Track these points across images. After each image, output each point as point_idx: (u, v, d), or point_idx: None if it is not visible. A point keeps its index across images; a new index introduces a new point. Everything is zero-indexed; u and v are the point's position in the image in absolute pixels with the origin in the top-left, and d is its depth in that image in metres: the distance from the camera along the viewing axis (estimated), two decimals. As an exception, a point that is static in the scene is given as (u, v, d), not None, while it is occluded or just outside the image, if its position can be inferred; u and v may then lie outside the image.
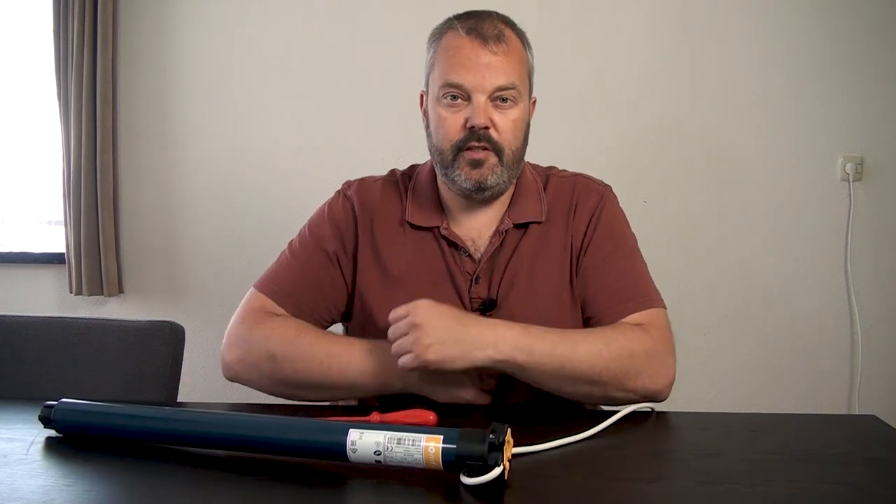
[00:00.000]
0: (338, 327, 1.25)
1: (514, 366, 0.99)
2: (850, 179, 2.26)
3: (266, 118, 2.47)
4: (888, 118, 2.26)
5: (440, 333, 0.96)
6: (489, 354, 0.97)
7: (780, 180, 2.30)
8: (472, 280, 1.14)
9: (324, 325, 1.19)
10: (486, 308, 1.12)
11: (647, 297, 1.12)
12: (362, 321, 1.17)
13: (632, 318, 1.09)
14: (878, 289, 2.30)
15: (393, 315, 1.00)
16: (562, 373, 1.00)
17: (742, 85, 2.29)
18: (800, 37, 2.27)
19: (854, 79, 2.26)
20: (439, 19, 1.16)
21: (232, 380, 1.13)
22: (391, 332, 1.00)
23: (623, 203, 1.22)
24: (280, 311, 1.14)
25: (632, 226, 1.22)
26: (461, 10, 1.14)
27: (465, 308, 1.13)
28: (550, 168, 1.25)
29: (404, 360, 0.98)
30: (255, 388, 1.12)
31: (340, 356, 1.05)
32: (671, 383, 1.05)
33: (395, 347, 0.99)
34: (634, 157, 2.32)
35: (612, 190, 1.22)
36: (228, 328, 1.14)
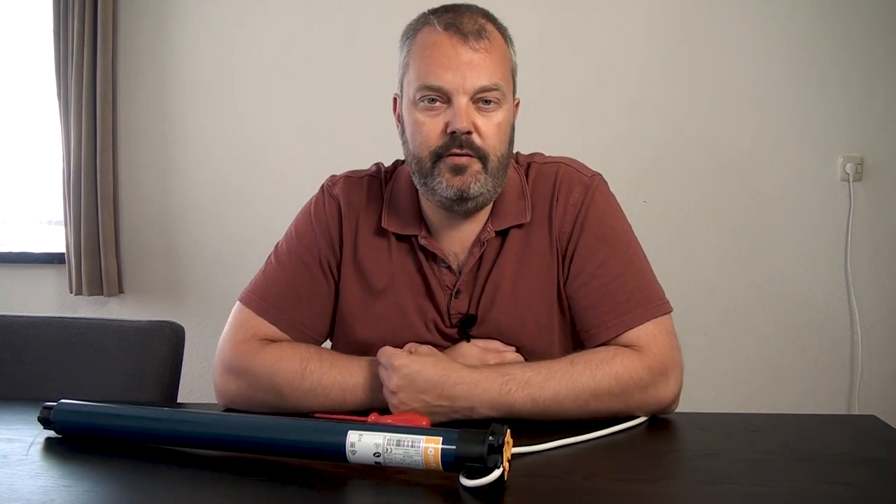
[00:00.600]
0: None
1: (495, 419, 0.96)
2: (850, 179, 2.26)
3: (266, 118, 2.47)
4: (888, 118, 2.26)
5: (414, 401, 0.94)
6: (467, 415, 0.95)
7: (780, 180, 2.30)
8: (451, 295, 1.07)
9: (319, 339, 1.11)
10: (466, 325, 1.06)
11: (646, 304, 1.03)
12: (344, 335, 1.11)
13: (632, 334, 1.01)
14: (878, 289, 2.30)
15: (378, 357, 0.98)
16: (546, 419, 0.96)
17: (742, 85, 2.29)
18: (800, 37, 2.27)
19: (854, 79, 2.26)
20: None
21: (230, 408, 1.05)
22: (379, 373, 0.97)
23: (623, 203, 1.14)
24: (272, 329, 1.07)
25: (632, 226, 1.13)
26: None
27: (445, 324, 1.08)
28: (533, 155, 1.15)
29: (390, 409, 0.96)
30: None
31: (356, 388, 0.99)
32: (674, 401, 1.01)
33: (383, 393, 0.96)
34: (634, 157, 2.32)
35: (601, 178, 1.11)
36: (220, 352, 1.07)
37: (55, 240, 2.59)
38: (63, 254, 2.50)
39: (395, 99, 1.09)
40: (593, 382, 0.96)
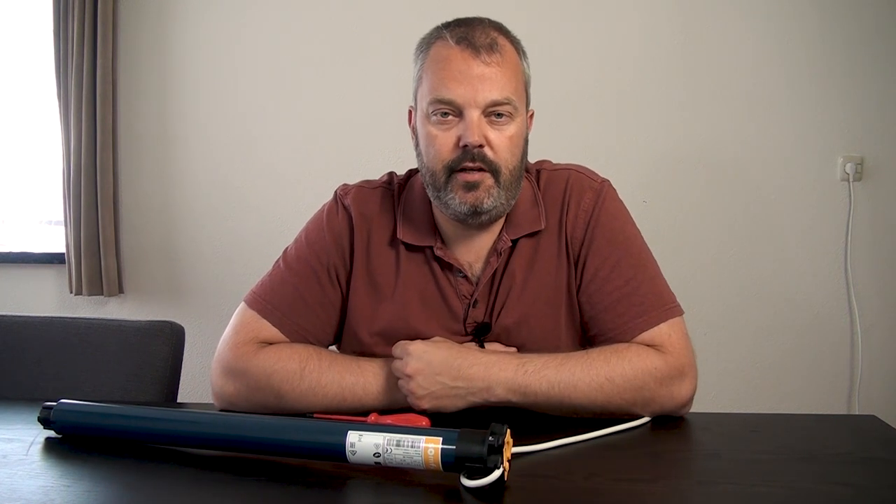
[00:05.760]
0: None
1: (510, 404, 0.97)
2: (850, 179, 2.26)
3: (266, 118, 2.47)
4: (888, 118, 2.26)
5: (432, 384, 0.95)
6: (484, 398, 0.96)
7: (781, 180, 2.30)
8: (469, 304, 1.07)
9: (322, 345, 1.10)
10: (480, 332, 1.07)
11: (660, 307, 1.04)
12: (353, 345, 1.10)
13: (647, 335, 1.02)
14: (878, 289, 2.30)
15: (393, 351, 0.99)
16: (561, 408, 0.97)
17: (742, 85, 2.29)
18: (799, 37, 2.27)
19: (853, 79, 2.25)
20: (445, 19, 1.08)
21: (228, 410, 1.04)
22: (392, 368, 0.98)
23: (623, 202, 1.14)
24: (274, 332, 1.07)
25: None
26: (464, 13, 1.07)
27: (461, 333, 1.07)
28: (541, 163, 1.16)
29: (408, 401, 0.97)
30: None
31: (354, 387, 0.99)
32: (687, 402, 1.02)
33: (398, 385, 0.97)
34: (635, 157, 2.32)
35: (610, 185, 1.11)
36: (219, 353, 1.06)
37: (55, 240, 2.59)
38: (63, 254, 2.50)
39: (409, 111, 1.10)
40: (608, 366, 0.97)
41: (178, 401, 1.29)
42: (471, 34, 1.00)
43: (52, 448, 0.90)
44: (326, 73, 2.43)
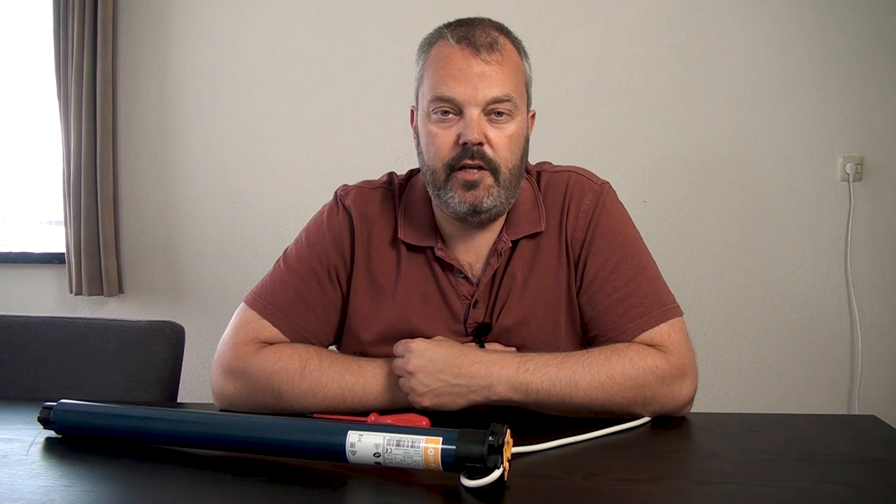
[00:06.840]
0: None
1: (512, 403, 0.97)
2: (850, 179, 2.26)
3: (266, 118, 2.47)
4: (888, 118, 2.26)
5: (433, 381, 0.95)
6: (485, 395, 0.96)
7: (781, 180, 2.30)
8: (469, 305, 1.08)
9: (322, 346, 1.11)
10: (481, 332, 1.07)
11: (660, 307, 1.04)
12: (353, 345, 1.11)
13: (647, 335, 1.02)
14: (878, 289, 2.30)
15: (394, 350, 0.99)
16: (562, 407, 0.97)
17: (742, 85, 2.29)
18: (799, 37, 2.27)
19: (853, 79, 2.26)
20: (444, 19, 1.09)
21: (228, 410, 1.04)
22: (393, 366, 0.99)
23: (623, 203, 1.14)
24: (275, 332, 1.07)
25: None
26: (465, 13, 1.08)
27: (462, 332, 1.08)
28: (542, 164, 1.16)
29: (409, 399, 0.97)
30: None
31: (354, 387, 1.00)
32: (688, 402, 1.02)
33: (399, 383, 0.98)
34: (634, 157, 2.32)
35: (610, 187, 1.12)
36: (219, 353, 1.07)
37: (55, 240, 2.59)
38: (63, 254, 2.50)
39: (412, 111, 1.10)
40: (609, 364, 0.98)
41: (178, 401, 1.29)
42: (471, 34, 1.01)
43: (52, 448, 0.90)
44: (326, 73, 2.43)
